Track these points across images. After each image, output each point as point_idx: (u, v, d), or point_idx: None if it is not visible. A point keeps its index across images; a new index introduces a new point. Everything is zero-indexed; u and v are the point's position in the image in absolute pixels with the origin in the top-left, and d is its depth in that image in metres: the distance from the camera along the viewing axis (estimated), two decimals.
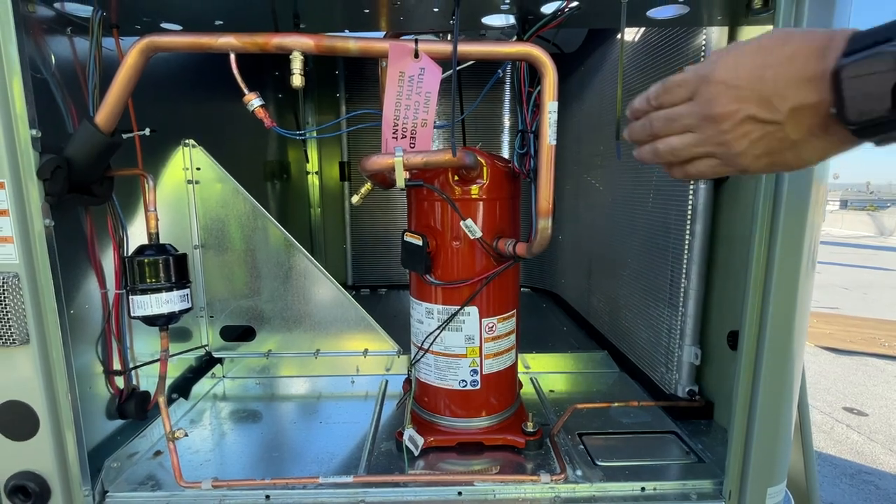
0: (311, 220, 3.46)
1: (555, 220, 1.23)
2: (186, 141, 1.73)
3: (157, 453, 1.43)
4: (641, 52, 1.86)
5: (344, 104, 3.26)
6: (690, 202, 1.57)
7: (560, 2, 1.13)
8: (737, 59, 0.63)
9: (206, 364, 1.90)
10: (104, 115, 1.10)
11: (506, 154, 3.17)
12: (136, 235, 1.39)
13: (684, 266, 1.62)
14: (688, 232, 1.59)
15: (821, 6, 1.08)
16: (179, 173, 1.74)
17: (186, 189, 1.75)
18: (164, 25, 1.28)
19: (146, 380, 1.50)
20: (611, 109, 2.18)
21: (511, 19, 1.25)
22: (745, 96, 0.62)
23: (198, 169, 1.76)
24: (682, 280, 1.63)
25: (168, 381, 1.36)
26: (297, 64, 1.07)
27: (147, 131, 1.30)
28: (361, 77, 3.22)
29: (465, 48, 1.10)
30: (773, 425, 1.28)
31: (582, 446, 1.46)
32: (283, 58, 1.09)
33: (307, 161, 3.33)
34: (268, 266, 1.82)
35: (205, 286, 1.83)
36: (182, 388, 1.75)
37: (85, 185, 1.17)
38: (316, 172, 3.41)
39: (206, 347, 1.87)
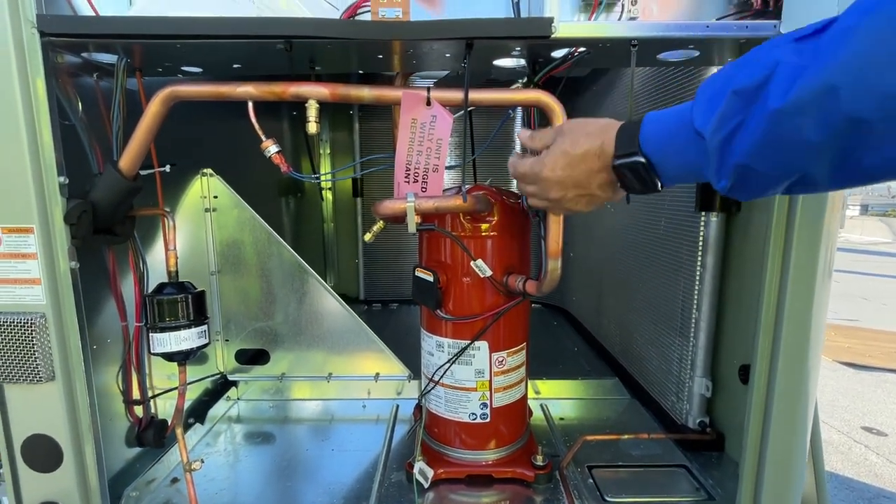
0: (325, 234, 3.51)
1: (565, 258, 1.25)
2: (204, 170, 1.78)
3: (174, 480, 1.47)
4: (652, 77, 1.86)
5: (357, 121, 3.30)
6: (702, 234, 1.58)
7: (569, 48, 1.15)
8: (554, 162, 0.98)
9: (222, 387, 1.95)
10: (127, 160, 1.15)
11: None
12: (156, 266, 1.43)
13: (695, 297, 1.62)
14: (699, 263, 1.59)
15: None
16: (197, 202, 1.79)
17: (204, 217, 1.80)
18: (185, 69, 1.32)
19: (163, 402, 1.54)
20: None
21: (521, 62, 1.27)
22: (567, 185, 0.98)
23: (215, 197, 1.81)
24: (693, 311, 1.63)
25: (185, 404, 1.40)
26: (312, 112, 1.10)
27: (168, 168, 1.34)
28: None
29: (477, 95, 1.13)
30: (785, 465, 1.28)
31: (591, 480, 1.46)
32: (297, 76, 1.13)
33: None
34: (282, 291, 1.86)
35: (221, 311, 1.87)
36: (198, 412, 1.79)
37: (108, 227, 1.21)
38: (329, 188, 3.46)
39: (224, 372, 1.91)
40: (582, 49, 1.16)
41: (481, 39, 1.06)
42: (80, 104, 1.20)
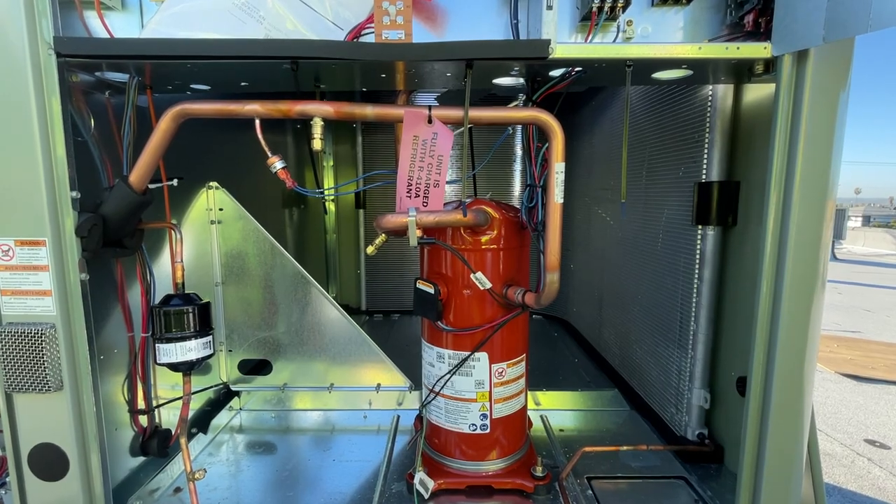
0: (327, 245, 3.54)
1: (566, 271, 1.27)
2: (210, 184, 1.81)
3: (177, 490, 1.48)
4: (651, 93, 1.90)
5: (360, 134, 3.35)
6: (699, 247, 1.60)
7: (566, 68, 1.18)
8: None
9: (225, 397, 1.96)
10: (137, 175, 1.18)
11: (517, 186, 3.22)
12: (162, 278, 1.46)
13: (693, 309, 1.64)
14: (696, 276, 1.62)
15: (822, 71, 1.11)
16: (203, 214, 1.82)
17: (209, 229, 1.83)
18: (194, 86, 1.36)
19: (166, 412, 1.56)
20: (620, 146, 2.22)
21: (521, 80, 1.30)
22: None
23: (220, 209, 1.84)
24: (691, 323, 1.64)
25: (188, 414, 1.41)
26: (317, 130, 1.14)
27: (175, 181, 1.38)
28: None
29: (477, 114, 1.16)
30: (782, 476, 1.29)
31: (591, 491, 1.47)
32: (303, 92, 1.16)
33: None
34: (285, 301, 1.88)
35: (224, 321, 1.90)
36: (201, 422, 1.81)
37: (118, 239, 1.24)
38: (332, 200, 3.50)
39: (227, 382, 1.93)
40: (578, 69, 1.19)
41: (481, 60, 1.09)
42: (92, 121, 1.24)
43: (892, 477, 3.89)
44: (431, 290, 1.39)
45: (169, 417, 1.56)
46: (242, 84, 1.35)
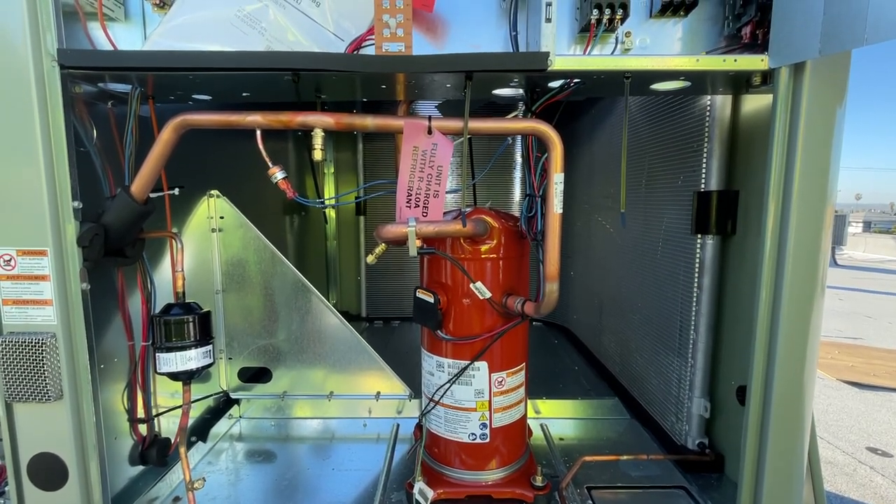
0: (328, 252, 3.55)
1: (566, 278, 1.28)
2: (211, 192, 1.82)
3: (176, 499, 1.48)
4: (650, 103, 1.91)
5: (361, 142, 3.37)
6: (698, 255, 1.60)
7: (564, 79, 1.19)
8: None
9: (224, 405, 1.96)
10: (139, 185, 1.19)
11: (517, 193, 3.23)
12: (163, 286, 1.47)
13: (693, 318, 1.64)
14: (696, 285, 1.62)
15: (819, 83, 1.12)
16: (204, 222, 1.83)
17: (210, 237, 1.84)
18: (196, 96, 1.38)
19: (165, 421, 1.55)
20: (620, 155, 2.23)
21: (520, 91, 1.31)
22: None
23: (221, 217, 1.85)
24: (691, 332, 1.65)
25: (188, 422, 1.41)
26: (318, 140, 1.15)
27: (176, 191, 1.38)
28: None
29: (477, 125, 1.17)
30: (783, 485, 1.29)
31: (591, 501, 1.47)
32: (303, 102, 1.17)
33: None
34: (285, 309, 1.89)
35: (224, 329, 1.90)
36: (200, 430, 1.80)
37: (119, 249, 1.25)
38: (333, 206, 3.51)
39: (226, 390, 1.93)
40: (577, 80, 1.20)
41: (480, 72, 1.10)
42: (94, 131, 1.25)
43: (894, 485, 3.87)
44: (431, 300, 1.39)
45: (168, 426, 1.56)
46: (244, 94, 1.36)
